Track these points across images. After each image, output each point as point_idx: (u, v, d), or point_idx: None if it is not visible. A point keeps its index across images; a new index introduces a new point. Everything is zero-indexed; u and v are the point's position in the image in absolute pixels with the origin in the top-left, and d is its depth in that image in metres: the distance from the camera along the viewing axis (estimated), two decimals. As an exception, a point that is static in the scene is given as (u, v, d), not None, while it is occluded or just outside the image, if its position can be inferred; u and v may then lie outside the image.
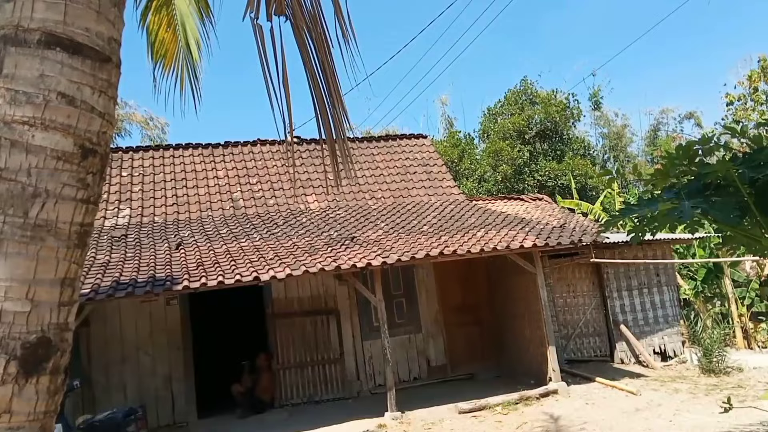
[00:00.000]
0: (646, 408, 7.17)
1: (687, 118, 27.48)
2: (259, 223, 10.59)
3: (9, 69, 1.78)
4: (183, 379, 9.05)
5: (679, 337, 10.38)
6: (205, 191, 11.71)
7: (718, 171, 3.21)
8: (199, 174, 12.04)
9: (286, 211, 11.43)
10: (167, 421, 8.84)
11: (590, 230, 9.20)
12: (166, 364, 9.06)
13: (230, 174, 12.18)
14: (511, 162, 21.12)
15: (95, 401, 8.39)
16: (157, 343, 9.10)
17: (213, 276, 7.55)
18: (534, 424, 7.02)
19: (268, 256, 8.35)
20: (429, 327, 10.42)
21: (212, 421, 8.82)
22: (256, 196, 11.77)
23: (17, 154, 1.75)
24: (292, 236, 9.58)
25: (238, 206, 11.49)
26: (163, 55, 5.97)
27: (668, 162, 3.51)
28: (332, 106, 2.67)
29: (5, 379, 1.68)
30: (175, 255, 8.77)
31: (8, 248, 1.72)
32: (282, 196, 11.82)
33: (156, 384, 8.96)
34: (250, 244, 9.20)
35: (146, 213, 10.95)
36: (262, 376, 9.31)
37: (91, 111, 1.87)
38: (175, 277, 7.77)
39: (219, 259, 8.38)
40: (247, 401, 9.05)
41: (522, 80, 23.64)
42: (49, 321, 1.77)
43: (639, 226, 3.78)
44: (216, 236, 9.81)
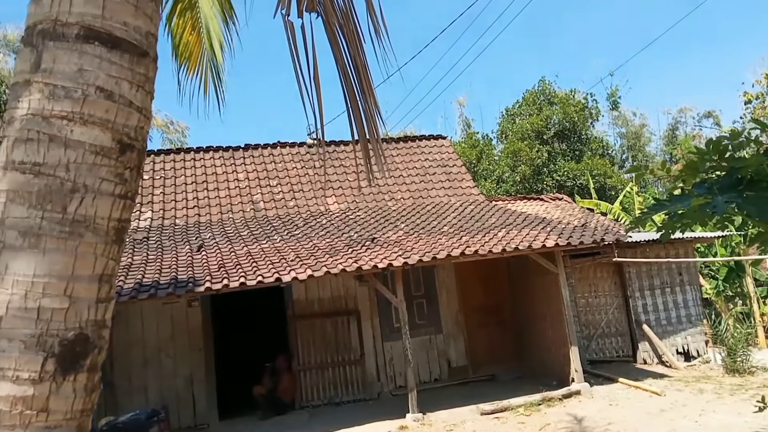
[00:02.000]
0: (671, 408, 6.98)
1: (705, 117, 26.98)
2: (279, 225, 10.60)
3: (47, 63, 1.76)
4: (204, 381, 9.05)
5: (703, 337, 10.12)
6: (226, 194, 11.76)
7: (751, 165, 3.10)
8: (219, 177, 12.10)
9: (306, 212, 11.42)
10: (188, 423, 8.84)
11: (612, 229, 9.02)
12: (187, 366, 9.06)
13: (250, 176, 12.22)
14: (530, 162, 20.91)
15: (117, 403, 8.41)
16: (178, 345, 9.11)
17: (235, 277, 7.54)
18: (557, 425, 6.88)
19: (289, 258, 8.33)
20: (450, 328, 10.30)
21: (233, 422, 8.80)
22: (276, 198, 11.79)
23: (56, 149, 1.72)
24: (312, 237, 9.56)
25: (259, 208, 11.51)
26: (187, 57, 5.98)
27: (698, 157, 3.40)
28: (365, 103, 2.61)
29: (42, 377, 1.64)
30: (196, 257, 8.80)
31: (47, 244, 1.69)
32: (302, 198, 11.82)
33: (177, 386, 8.96)
34: (270, 246, 9.20)
35: (168, 215, 11.02)
36: (283, 377, 9.28)
37: (129, 106, 1.83)
38: (197, 278, 7.78)
39: (240, 261, 8.38)
40: (268, 403, 9.01)
41: (540, 80, 23.44)
42: (87, 318, 1.73)
43: (669, 222, 3.66)
44: (237, 238, 9.83)
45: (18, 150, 1.72)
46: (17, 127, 1.73)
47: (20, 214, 1.69)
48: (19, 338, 1.63)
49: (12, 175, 1.71)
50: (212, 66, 5.91)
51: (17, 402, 1.61)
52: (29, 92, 1.74)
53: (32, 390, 1.62)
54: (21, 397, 1.61)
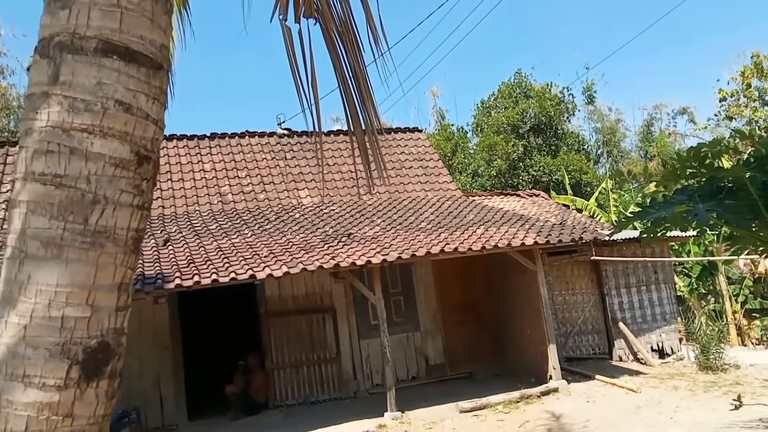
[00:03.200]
0: (647, 405, 7.44)
1: (680, 114, 28.07)
2: (249, 219, 10.62)
3: (66, 76, 1.86)
4: (172, 381, 9.08)
5: (677, 335, 10.73)
6: (192, 185, 11.67)
7: (731, 175, 3.41)
8: (184, 167, 12.00)
9: (277, 206, 11.47)
10: (156, 423, 8.86)
11: (590, 228, 9.44)
12: (154, 366, 9.04)
13: (218, 167, 12.15)
14: (506, 157, 21.39)
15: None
16: (144, 343, 9.07)
17: (206, 274, 7.59)
18: (536, 422, 7.24)
19: (263, 254, 8.41)
20: (427, 325, 10.59)
21: (203, 423, 8.87)
22: (246, 190, 11.78)
23: (77, 162, 1.83)
24: (285, 232, 9.64)
25: (227, 201, 11.50)
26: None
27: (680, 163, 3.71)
28: (364, 111, 2.77)
29: (68, 383, 1.77)
30: (163, 252, 8.78)
31: (69, 254, 1.80)
32: (273, 191, 11.85)
33: (144, 386, 8.93)
34: (242, 241, 9.25)
35: (132, 208, 10.87)
36: (256, 376, 9.39)
37: (146, 118, 1.95)
38: (166, 275, 7.79)
39: (210, 256, 8.41)
40: (241, 403, 9.12)
41: (516, 73, 23.91)
42: (108, 326, 1.86)
43: (651, 227, 3.97)
44: (205, 232, 9.83)
45: (38, 161, 1.82)
46: (36, 139, 1.84)
47: (42, 225, 1.80)
48: (44, 346, 1.75)
49: (32, 186, 1.82)
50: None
51: (44, 408, 1.73)
52: (48, 104, 1.84)
53: (58, 396, 1.75)
54: (47, 403, 1.74)
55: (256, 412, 9.12)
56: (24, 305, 1.78)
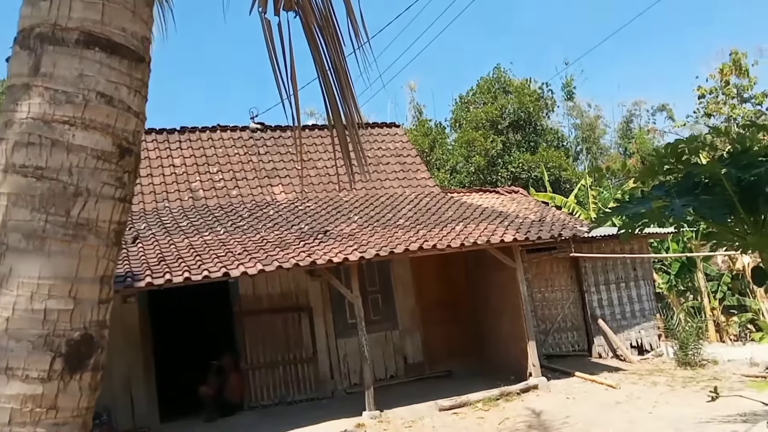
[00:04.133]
0: (626, 401, 7.72)
1: (659, 111, 28.78)
2: (221, 215, 10.59)
3: (47, 68, 1.91)
4: (143, 382, 9.04)
5: (656, 331, 11.09)
6: (161, 180, 11.57)
7: (707, 171, 3.61)
8: (153, 162, 11.87)
9: (250, 202, 11.45)
10: (127, 426, 8.81)
11: (569, 224, 9.70)
12: (123, 366, 8.97)
13: (188, 162, 12.06)
14: (484, 153, 21.67)
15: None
16: (113, 343, 8.87)
17: (178, 272, 7.58)
18: (516, 419, 7.44)
19: (236, 251, 8.42)
20: (406, 323, 10.73)
21: (176, 425, 8.87)
22: (217, 186, 11.72)
23: (58, 154, 1.88)
24: (259, 229, 9.65)
25: (198, 197, 11.43)
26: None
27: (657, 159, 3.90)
28: (344, 105, 2.86)
29: (51, 375, 1.82)
30: (132, 249, 8.72)
31: (51, 247, 1.85)
32: (246, 187, 11.82)
33: (113, 387, 8.84)
34: (214, 238, 9.23)
35: (98, 204, 10.75)
36: (230, 377, 9.40)
37: (128, 110, 2.01)
38: (136, 273, 7.76)
39: (182, 254, 8.39)
40: (215, 403, 9.12)
41: (495, 68, 24.20)
42: (91, 318, 1.92)
43: (629, 222, 4.16)
44: (176, 229, 9.78)
45: (19, 153, 1.87)
46: (17, 131, 1.88)
47: (23, 217, 1.85)
48: (27, 338, 1.80)
49: (13, 178, 1.86)
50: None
51: (27, 400, 1.79)
52: (29, 96, 1.89)
53: (41, 388, 1.80)
54: (31, 396, 1.79)
55: (231, 413, 9.14)
56: (6, 298, 1.83)
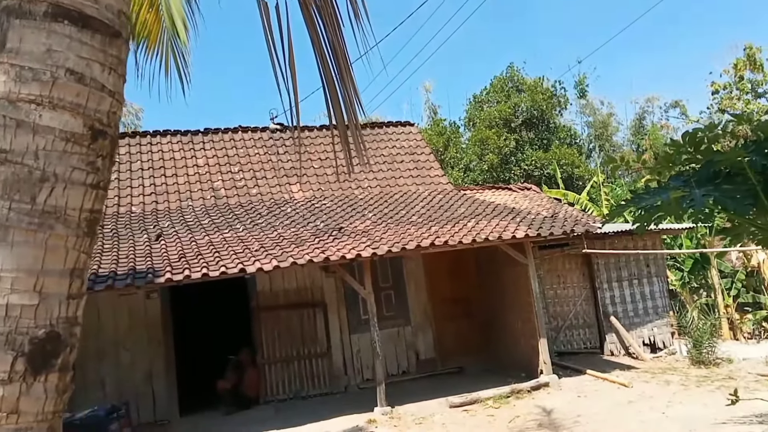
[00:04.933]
0: (639, 400, 7.33)
1: (672, 107, 27.96)
2: (241, 213, 10.47)
3: (13, 43, 1.69)
4: (164, 376, 8.93)
5: (669, 329, 10.62)
6: (185, 180, 11.51)
7: (730, 158, 3.27)
8: (177, 162, 11.82)
9: (269, 200, 11.31)
10: (148, 418, 8.71)
11: (581, 220, 9.32)
12: (146, 360, 8.91)
13: (210, 162, 11.98)
14: (498, 151, 21.26)
15: (72, 399, 8.19)
16: (136, 338, 8.94)
17: (197, 268, 7.44)
18: (527, 417, 7.12)
19: (254, 248, 8.26)
20: (418, 320, 10.45)
21: (195, 418, 8.72)
22: (238, 185, 11.62)
23: (23, 136, 1.66)
24: (276, 227, 9.49)
25: (220, 196, 11.33)
26: (146, 36, 5.80)
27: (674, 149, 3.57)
28: (343, 88, 2.62)
29: (12, 377, 1.60)
30: (155, 246, 8.61)
31: (14, 237, 1.64)
32: (265, 185, 11.70)
33: (136, 380, 8.81)
34: (233, 235, 9.09)
35: (123, 203, 10.72)
36: (247, 371, 9.23)
37: (101, 90, 1.79)
38: (157, 269, 7.63)
39: (202, 251, 8.26)
40: (232, 398, 8.97)
41: (508, 67, 23.76)
42: (58, 315, 1.70)
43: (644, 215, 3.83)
44: (197, 227, 9.66)
45: (-19, 136, 1.66)
46: (-20, 111, 1.67)
47: (-15, 205, 1.63)
48: (-14, 336, 1.59)
49: (-25, 162, 1.65)
50: (173, 46, 5.75)
51: (-15, 404, 1.57)
52: (-7, 74, 1.68)
53: (1, 391, 1.59)
54: (-11, 399, 1.58)
55: (248, 407, 8.98)
56: (-35, 292, 1.61)
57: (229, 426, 8.16)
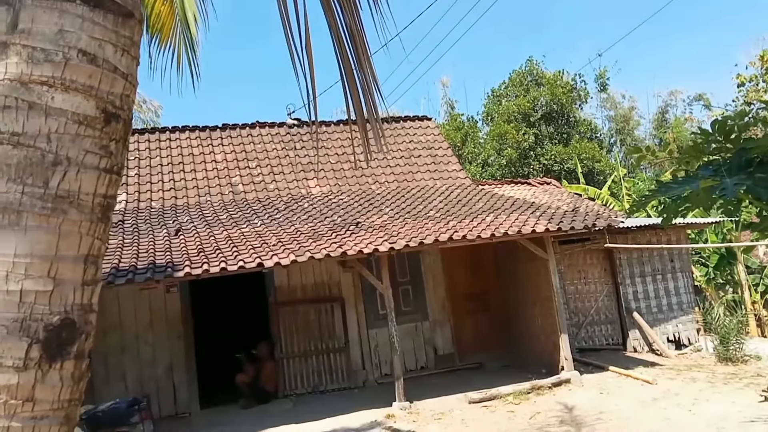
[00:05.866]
0: (663, 397, 7.15)
1: (696, 100, 27.33)
2: (259, 209, 10.49)
3: (25, 23, 1.65)
4: (184, 369, 9.01)
5: (694, 325, 10.36)
6: (203, 176, 11.57)
7: (763, 146, 3.12)
8: (196, 158, 11.89)
9: (286, 195, 11.31)
10: (169, 411, 8.80)
11: (603, 215, 9.13)
12: (166, 354, 9.00)
13: (228, 158, 12.03)
14: (516, 145, 21.01)
15: (94, 391, 8.31)
16: (157, 331, 9.03)
17: (215, 262, 7.46)
18: (548, 414, 6.99)
19: (271, 242, 8.25)
20: (436, 315, 10.37)
21: (215, 411, 8.78)
22: (256, 180, 11.65)
23: (36, 118, 1.63)
24: (294, 222, 9.48)
25: (238, 191, 11.37)
26: (159, 29, 5.79)
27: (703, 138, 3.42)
28: (362, 75, 2.55)
29: (27, 364, 1.57)
30: (174, 241, 8.67)
31: (28, 221, 1.60)
32: (282, 181, 11.70)
33: (157, 374, 8.91)
34: (251, 230, 9.10)
35: (143, 198, 10.81)
36: (265, 365, 9.26)
37: (114, 71, 1.74)
38: (176, 263, 7.68)
39: (220, 246, 8.29)
40: (251, 391, 9.01)
41: (527, 60, 23.45)
42: (73, 301, 1.66)
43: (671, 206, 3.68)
44: (216, 222, 9.71)
45: (-6, 118, 1.63)
46: (-7, 94, 1.64)
47: (-1, 189, 1.60)
48: (1, 323, 1.56)
49: (-12, 145, 1.62)
50: (185, 39, 5.74)
51: (1, 391, 1.54)
52: (6, 55, 1.64)
53: (17, 378, 1.56)
54: (5, 386, 1.54)
55: (266, 400, 9.00)
56: (-21, 278, 1.58)
57: (247, 419, 8.18)
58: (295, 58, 2.61)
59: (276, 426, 7.51)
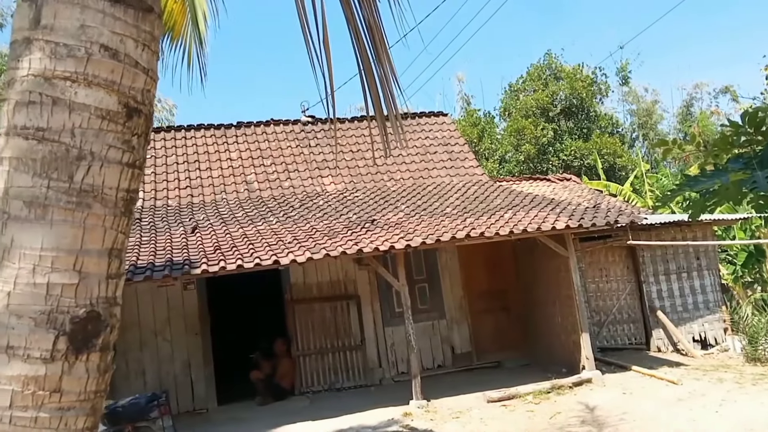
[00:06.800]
0: (689, 398, 7.05)
1: (722, 93, 26.79)
2: (274, 206, 10.57)
3: (47, 19, 1.70)
4: (202, 365, 9.15)
5: (721, 324, 10.19)
6: (219, 173, 11.70)
7: (796, 138, 3.07)
8: (211, 156, 12.02)
9: (301, 193, 11.39)
10: (187, 407, 8.95)
11: (626, 211, 9.02)
12: (184, 350, 9.15)
13: (243, 156, 12.14)
14: (535, 141, 20.81)
15: (115, 387, 8.48)
16: (175, 328, 9.18)
17: (231, 260, 7.54)
18: (568, 414, 6.95)
19: (287, 240, 8.32)
20: (453, 313, 10.36)
21: (232, 407, 8.90)
22: (271, 178, 11.73)
23: (60, 113, 1.67)
24: (309, 219, 9.54)
25: (253, 189, 11.47)
26: (171, 27, 5.87)
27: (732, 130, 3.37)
28: (380, 68, 2.56)
29: (54, 355, 1.62)
30: (191, 239, 8.78)
31: (54, 215, 1.65)
32: (297, 178, 11.77)
33: (175, 370, 9.07)
34: (266, 228, 9.18)
35: (159, 196, 10.97)
36: (281, 362, 9.35)
37: (135, 66, 1.78)
38: (193, 260, 7.78)
39: (236, 243, 8.37)
40: (267, 388, 9.10)
41: (546, 54, 23.19)
42: (98, 294, 1.71)
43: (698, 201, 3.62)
44: (231, 219, 9.81)
45: (20, 114, 1.67)
46: (18, 89, 1.69)
47: (25, 183, 1.65)
48: (29, 315, 1.61)
49: (15, 141, 1.67)
50: (195, 36, 5.80)
51: (29, 382, 1.59)
52: (29, 51, 1.69)
53: (44, 369, 1.60)
54: (33, 377, 1.59)
55: (283, 397, 9.10)
56: (7, 270, 1.63)
57: (265, 416, 8.27)
58: (312, 54, 2.63)
59: (293, 423, 7.58)
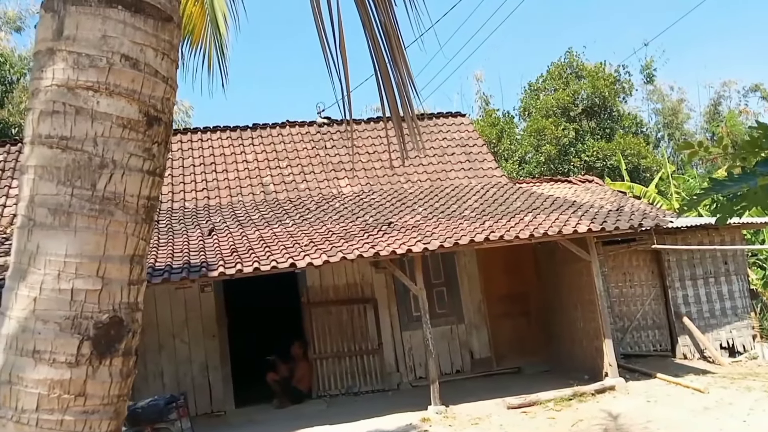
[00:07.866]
0: (716, 407, 6.94)
1: (752, 91, 26.26)
2: (290, 208, 10.66)
3: (70, 30, 1.76)
4: (219, 368, 9.27)
5: (750, 331, 10.00)
6: (235, 176, 11.84)
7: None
8: (228, 158, 12.17)
9: (317, 195, 11.46)
10: (205, 409, 9.08)
11: (650, 214, 8.92)
12: (202, 352, 9.28)
13: (259, 158, 12.27)
14: (555, 141, 20.65)
15: (134, 388, 8.65)
16: (192, 330, 9.32)
17: (248, 262, 7.64)
18: (591, 421, 6.89)
19: (303, 243, 8.39)
20: (472, 317, 10.33)
21: (250, 410, 8.99)
22: (287, 180, 11.84)
23: (82, 122, 1.73)
24: (325, 221, 9.61)
25: (269, 191, 11.58)
26: (190, 31, 5.96)
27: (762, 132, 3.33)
28: (396, 71, 2.59)
29: (79, 360, 1.68)
30: (208, 241, 8.91)
31: (77, 222, 1.71)
32: (313, 180, 11.85)
33: (193, 372, 9.20)
34: (283, 230, 9.27)
35: (176, 198, 11.15)
36: (298, 365, 9.43)
37: (155, 75, 1.84)
38: (210, 263, 7.90)
39: (253, 246, 8.47)
40: (284, 391, 9.19)
41: (567, 52, 23.01)
42: (120, 300, 1.77)
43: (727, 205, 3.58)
44: (248, 222, 9.92)
45: (44, 123, 1.74)
46: (42, 99, 1.75)
47: (49, 191, 1.72)
48: (54, 320, 1.67)
49: (40, 149, 1.74)
50: (215, 39, 5.89)
51: (55, 385, 1.65)
52: (53, 61, 1.76)
53: (69, 373, 1.67)
54: (58, 381, 1.66)
55: (300, 401, 9.17)
56: (33, 276, 1.70)
57: (282, 419, 8.35)
58: (328, 57, 2.67)
59: (310, 426, 7.64)
